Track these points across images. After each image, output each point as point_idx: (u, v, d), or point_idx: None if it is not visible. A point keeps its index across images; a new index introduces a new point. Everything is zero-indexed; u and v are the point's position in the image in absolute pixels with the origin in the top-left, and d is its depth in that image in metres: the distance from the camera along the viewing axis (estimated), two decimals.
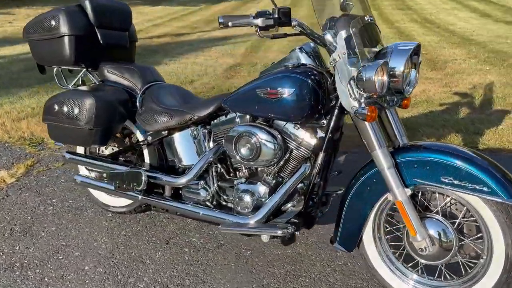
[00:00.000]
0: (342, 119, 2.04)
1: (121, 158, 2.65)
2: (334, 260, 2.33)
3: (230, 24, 1.82)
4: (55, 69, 2.70)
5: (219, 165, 2.31)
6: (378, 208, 1.99)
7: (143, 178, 2.29)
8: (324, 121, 2.00)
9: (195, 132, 2.34)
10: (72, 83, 2.68)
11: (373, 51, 1.89)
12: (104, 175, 2.58)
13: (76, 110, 2.33)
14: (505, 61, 6.84)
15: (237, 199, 2.14)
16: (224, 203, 2.31)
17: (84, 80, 2.77)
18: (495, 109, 4.64)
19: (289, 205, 2.12)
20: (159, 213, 2.76)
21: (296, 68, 1.97)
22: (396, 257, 2.05)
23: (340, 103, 1.96)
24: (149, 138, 2.43)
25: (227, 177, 2.32)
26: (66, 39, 2.45)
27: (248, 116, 2.14)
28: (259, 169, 2.19)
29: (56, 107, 2.40)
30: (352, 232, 2.03)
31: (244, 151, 2.06)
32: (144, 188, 2.30)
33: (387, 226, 2.06)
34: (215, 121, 2.26)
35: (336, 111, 1.98)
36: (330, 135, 2.00)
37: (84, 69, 2.62)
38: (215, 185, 2.30)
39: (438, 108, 4.73)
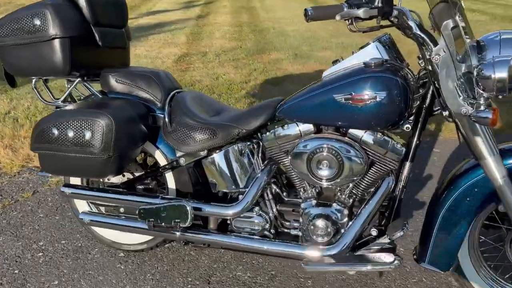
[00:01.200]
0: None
1: (139, 186, 2.15)
2: (407, 277, 2.08)
3: (338, 18, 1.46)
4: (34, 81, 2.12)
5: (274, 186, 1.94)
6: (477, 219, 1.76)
7: (189, 211, 1.84)
8: (409, 126, 1.72)
9: (241, 148, 1.93)
10: (62, 98, 2.11)
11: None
12: (122, 210, 2.07)
13: (87, 135, 1.80)
14: None
15: (312, 226, 1.79)
16: (285, 230, 1.94)
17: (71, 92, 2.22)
18: None
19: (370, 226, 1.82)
20: (183, 246, 2.30)
21: (379, 66, 1.65)
22: (491, 269, 1.85)
23: (428, 104, 1.71)
24: (182, 160, 1.97)
25: (286, 199, 1.96)
26: (57, 42, 1.90)
27: (312, 126, 1.79)
28: (326, 186, 1.85)
29: (56, 132, 1.85)
30: (447, 249, 1.78)
31: (322, 169, 1.72)
32: (191, 224, 1.86)
33: (482, 237, 1.85)
34: (268, 134, 1.87)
35: (423, 113, 1.72)
36: (417, 141, 1.73)
37: (78, 79, 2.07)
38: (274, 210, 1.92)
39: None
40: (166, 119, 1.93)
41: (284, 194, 1.98)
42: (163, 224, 1.88)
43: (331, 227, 1.78)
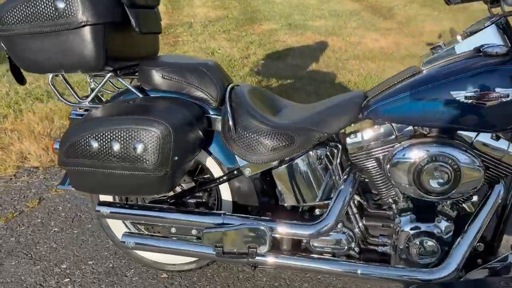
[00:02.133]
0: None
1: (191, 201, 1.81)
2: None
3: None
4: (50, 77, 1.72)
5: (357, 197, 1.66)
6: None
7: (267, 234, 1.54)
8: None
9: (319, 154, 1.62)
10: (90, 97, 1.73)
11: None
12: (173, 230, 1.73)
13: (139, 148, 1.44)
14: (443, 5, 6.80)
15: (414, 246, 1.53)
16: (371, 247, 1.67)
17: (93, 88, 1.84)
18: None
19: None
20: (252, 269, 1.98)
21: (505, 56, 1.37)
22: None
23: None
24: (248, 170, 1.65)
25: (370, 211, 1.69)
26: (88, 31, 1.51)
27: (411, 128, 1.51)
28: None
29: (95, 145, 1.48)
30: None
31: (435, 182, 1.44)
32: (270, 248, 1.56)
33: None
34: (353, 137, 1.57)
35: None
36: None
37: (110, 74, 1.68)
38: (360, 225, 1.65)
39: None
40: (230, 123, 1.58)
41: (365, 204, 1.71)
42: (235, 250, 1.57)
43: (437, 246, 1.52)
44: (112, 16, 1.54)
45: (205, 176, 1.83)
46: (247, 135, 1.57)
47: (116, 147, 1.46)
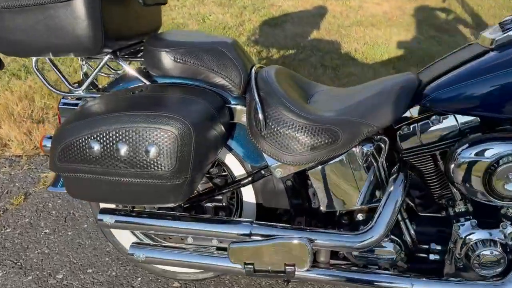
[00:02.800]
0: None
1: (208, 205, 1.56)
2: None
3: None
4: (34, 60, 1.41)
5: (407, 199, 1.43)
6: None
7: (309, 250, 1.30)
8: None
9: (365, 151, 1.36)
10: (85, 85, 1.42)
11: None
12: (190, 239, 1.48)
13: (152, 151, 1.17)
14: None
15: (477, 256, 1.31)
16: (420, 255, 1.46)
17: (87, 73, 1.55)
18: None
19: None
20: (284, 284, 1.76)
21: None
22: None
23: None
24: (279, 171, 1.39)
25: (421, 214, 1.47)
26: (81, 4, 1.20)
27: (477, 120, 1.27)
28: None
29: (97, 147, 1.20)
30: None
31: (510, 185, 1.21)
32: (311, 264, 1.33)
33: None
34: (406, 129, 1.32)
35: None
36: None
37: (108, 56, 1.38)
38: (411, 231, 1.42)
39: (444, 35, 4.17)
40: (260, 116, 1.30)
41: (413, 206, 1.48)
42: (269, 268, 1.33)
43: (502, 255, 1.31)
44: None
45: (222, 174, 1.57)
46: (281, 130, 1.30)
47: (124, 150, 1.18)
